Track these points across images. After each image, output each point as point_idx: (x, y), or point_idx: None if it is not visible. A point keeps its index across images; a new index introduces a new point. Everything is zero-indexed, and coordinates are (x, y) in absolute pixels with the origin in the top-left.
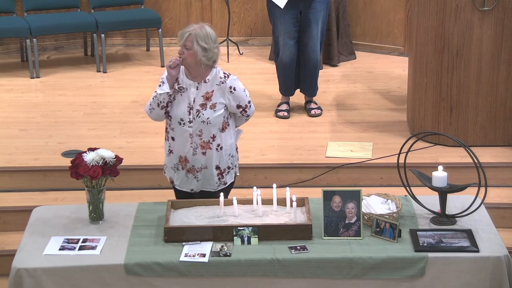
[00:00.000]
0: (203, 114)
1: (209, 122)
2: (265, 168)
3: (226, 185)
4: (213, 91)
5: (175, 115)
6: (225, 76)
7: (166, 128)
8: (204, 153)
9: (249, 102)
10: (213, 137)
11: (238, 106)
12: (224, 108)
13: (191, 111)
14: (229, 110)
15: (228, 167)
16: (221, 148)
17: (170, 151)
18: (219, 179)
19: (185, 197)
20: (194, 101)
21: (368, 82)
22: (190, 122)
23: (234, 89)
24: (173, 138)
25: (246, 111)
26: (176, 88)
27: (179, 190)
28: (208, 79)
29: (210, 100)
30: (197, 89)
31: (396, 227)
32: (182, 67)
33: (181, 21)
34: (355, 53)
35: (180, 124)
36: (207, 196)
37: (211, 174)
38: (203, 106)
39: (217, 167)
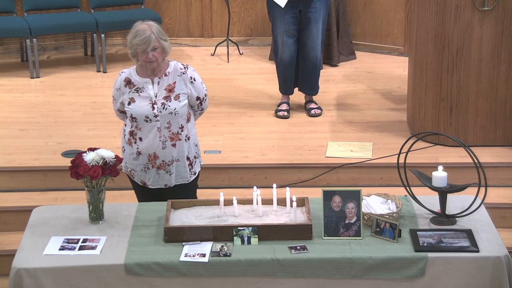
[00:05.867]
0: (169, 106)
1: (176, 113)
2: (265, 168)
3: (196, 175)
4: (175, 82)
5: (139, 114)
6: (184, 67)
7: (132, 132)
8: (174, 145)
9: (205, 95)
10: (181, 128)
11: (197, 98)
12: (187, 98)
13: (154, 105)
14: (189, 102)
15: (195, 157)
16: (188, 138)
17: (138, 153)
18: (189, 169)
19: (154, 197)
20: (156, 96)
21: (368, 82)
22: (156, 116)
23: (194, 79)
24: (140, 139)
25: (202, 104)
26: (130, 97)
27: (151, 190)
28: (169, 72)
29: (173, 91)
30: (158, 84)
31: (396, 227)
32: (132, 68)
33: (181, 21)
34: (355, 53)
35: (146, 121)
36: (180, 192)
37: (183, 166)
38: (167, 98)
39: (187, 158)
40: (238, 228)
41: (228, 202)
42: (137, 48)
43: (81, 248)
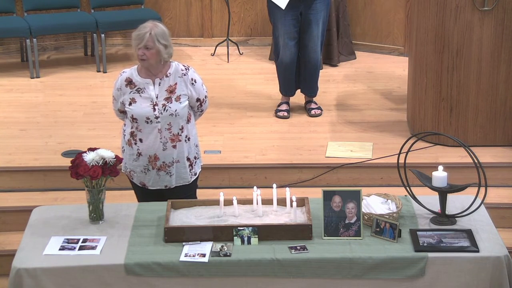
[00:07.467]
0: (170, 107)
1: (177, 114)
2: (265, 168)
3: (197, 175)
4: (176, 83)
5: (140, 115)
6: (185, 68)
7: (132, 133)
8: (174, 146)
9: (205, 96)
10: (182, 129)
11: (197, 99)
12: (188, 100)
13: (155, 107)
14: (189, 103)
15: (195, 157)
16: (188, 139)
17: (139, 155)
18: (189, 170)
19: (154, 197)
20: (157, 97)
21: (368, 82)
22: (157, 117)
23: (195, 81)
24: (141, 140)
25: (202, 105)
26: (131, 97)
27: (150, 190)
28: (170, 73)
29: (174, 93)
30: (159, 85)
31: (396, 227)
32: (133, 68)
33: (181, 21)
34: (355, 53)
35: (147, 122)
36: (180, 193)
37: (183, 167)
38: (168, 99)
39: (188, 159)
40: (238, 228)
41: (228, 202)
42: (133, 42)
43: (81, 248)
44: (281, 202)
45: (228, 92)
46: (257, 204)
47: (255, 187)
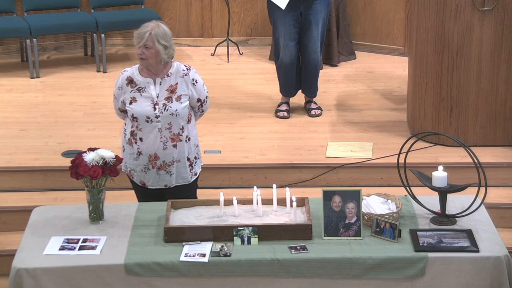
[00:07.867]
0: (170, 107)
1: (177, 114)
2: (265, 168)
3: (197, 175)
4: (177, 83)
5: (140, 114)
6: (187, 68)
7: (132, 132)
8: (175, 146)
9: (206, 97)
10: (182, 129)
11: (198, 100)
12: (188, 100)
13: (156, 106)
14: (190, 104)
15: (195, 157)
16: (189, 139)
17: (139, 154)
18: (190, 170)
19: (154, 197)
20: (158, 96)
21: (368, 82)
22: (157, 117)
23: (196, 81)
24: (141, 139)
25: (202, 106)
26: (131, 96)
27: (151, 190)
28: (171, 73)
29: (175, 92)
30: (160, 85)
31: (396, 227)
32: (135, 67)
33: (181, 21)
34: (355, 53)
35: (147, 121)
36: (180, 193)
37: (184, 167)
38: (169, 99)
39: (188, 159)
40: (238, 228)
41: (228, 202)
42: (134, 40)
43: (81, 248)
44: (281, 202)
45: (228, 92)
46: (257, 204)
47: (255, 187)
